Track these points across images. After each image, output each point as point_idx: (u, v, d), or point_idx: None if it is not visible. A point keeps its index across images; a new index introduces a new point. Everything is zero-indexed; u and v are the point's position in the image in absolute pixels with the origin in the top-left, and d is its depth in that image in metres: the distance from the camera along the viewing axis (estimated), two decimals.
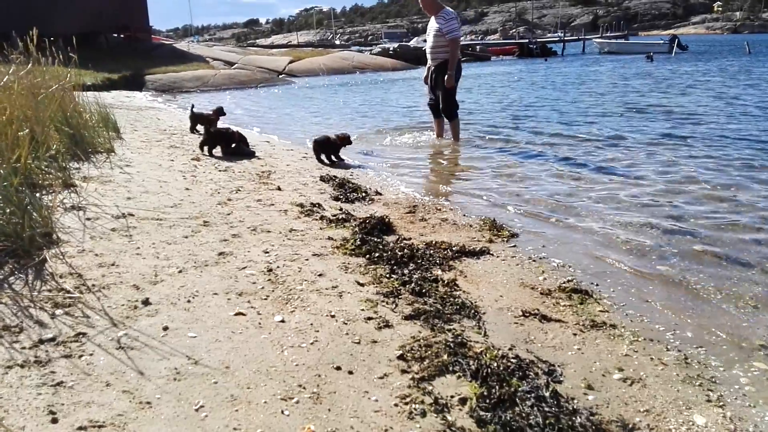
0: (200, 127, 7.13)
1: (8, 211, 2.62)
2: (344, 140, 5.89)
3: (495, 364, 1.89)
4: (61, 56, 5.40)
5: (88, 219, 3.09)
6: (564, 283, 2.74)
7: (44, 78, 4.80)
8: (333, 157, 5.86)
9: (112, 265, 2.54)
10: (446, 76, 6.57)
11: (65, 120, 4.67)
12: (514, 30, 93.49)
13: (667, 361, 2.07)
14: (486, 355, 1.96)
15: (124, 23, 24.66)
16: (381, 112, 10.79)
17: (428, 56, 6.86)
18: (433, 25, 6.71)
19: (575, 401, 1.79)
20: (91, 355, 1.85)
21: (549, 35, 74.10)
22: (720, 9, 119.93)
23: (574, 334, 2.24)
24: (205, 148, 5.64)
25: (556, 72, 22.33)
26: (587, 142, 6.88)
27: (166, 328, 2.04)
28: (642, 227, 3.69)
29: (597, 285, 2.77)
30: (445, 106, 6.86)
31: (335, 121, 9.79)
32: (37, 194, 3.15)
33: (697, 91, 12.78)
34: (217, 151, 5.66)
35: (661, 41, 38.91)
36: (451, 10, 6.74)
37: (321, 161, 5.82)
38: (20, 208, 2.65)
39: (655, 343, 2.21)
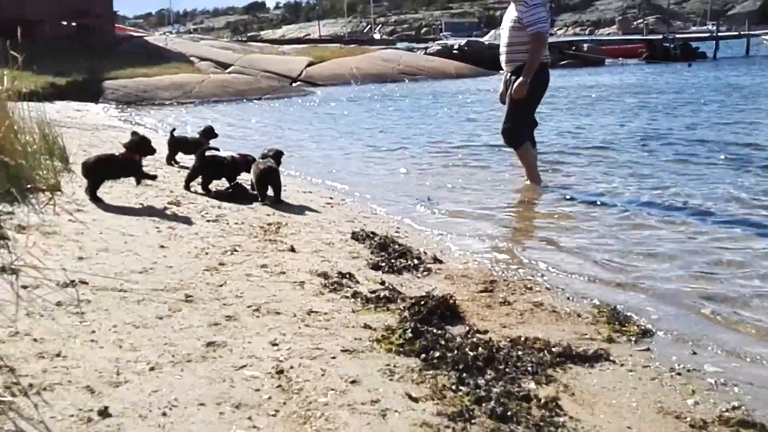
0: (182, 157, 7.41)
1: None
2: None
3: None
4: None
5: (24, 287, 3.24)
6: (727, 410, 2.68)
7: None
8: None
9: (57, 356, 2.64)
10: (517, 83, 6.60)
11: None
12: (640, 21, 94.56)
13: None
14: None
15: (77, 8, 26.19)
16: (442, 140, 10.99)
17: (502, 58, 6.98)
18: (511, 13, 6.82)
19: None
20: None
21: (694, 28, 74.50)
22: None
23: None
24: (192, 184, 5.86)
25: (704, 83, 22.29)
26: (734, 192, 6.80)
27: None
28: None
29: None
30: (506, 125, 6.93)
31: (378, 155, 10.01)
32: None
33: None
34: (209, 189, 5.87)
35: None
36: None
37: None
38: None
39: None
